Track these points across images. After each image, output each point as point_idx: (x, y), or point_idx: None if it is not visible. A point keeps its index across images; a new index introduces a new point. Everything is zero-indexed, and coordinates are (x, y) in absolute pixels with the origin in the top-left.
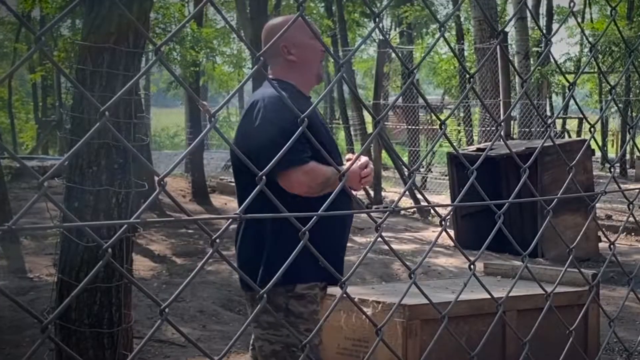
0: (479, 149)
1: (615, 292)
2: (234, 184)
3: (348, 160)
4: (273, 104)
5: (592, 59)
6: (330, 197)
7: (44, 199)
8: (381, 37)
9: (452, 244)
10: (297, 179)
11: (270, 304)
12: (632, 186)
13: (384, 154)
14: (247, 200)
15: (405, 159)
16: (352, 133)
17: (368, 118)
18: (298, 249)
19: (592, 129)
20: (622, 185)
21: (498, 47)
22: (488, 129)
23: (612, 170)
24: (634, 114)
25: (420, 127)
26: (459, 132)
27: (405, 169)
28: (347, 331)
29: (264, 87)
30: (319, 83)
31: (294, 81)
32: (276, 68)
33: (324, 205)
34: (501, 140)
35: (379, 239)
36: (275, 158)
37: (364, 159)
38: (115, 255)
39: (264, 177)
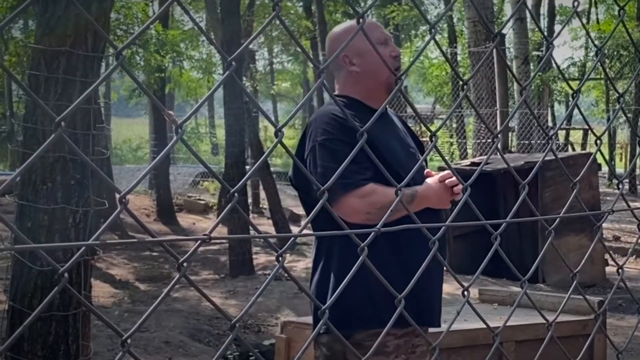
0: (473, 164)
1: (624, 321)
2: (202, 202)
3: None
4: (326, 124)
5: (598, 63)
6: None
7: None
8: None
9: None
10: (351, 206)
11: (329, 351)
12: None
13: None
14: (217, 220)
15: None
16: None
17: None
18: (345, 282)
19: (598, 141)
20: (631, 204)
21: (494, 50)
22: (483, 141)
23: (620, 186)
24: None
25: None
26: (452, 144)
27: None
28: None
29: (324, 105)
30: (390, 93)
31: (358, 95)
32: (340, 82)
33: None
34: (498, 153)
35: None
36: (330, 182)
37: (444, 173)
38: (73, 281)
39: (326, 192)
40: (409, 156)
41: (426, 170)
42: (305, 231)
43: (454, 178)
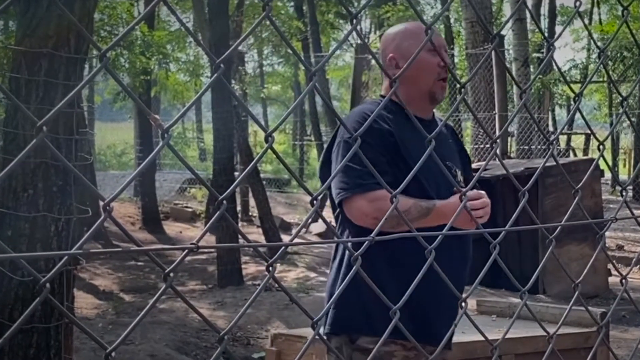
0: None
1: (628, 334)
2: (189, 210)
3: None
4: (356, 122)
5: (601, 66)
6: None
7: None
8: (359, 41)
9: None
10: (359, 208)
11: (340, 352)
12: None
13: None
14: (205, 229)
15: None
16: None
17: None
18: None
19: (601, 147)
20: (635, 211)
21: (493, 52)
22: (481, 146)
23: (623, 193)
24: None
25: None
26: None
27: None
28: None
29: (362, 104)
30: (436, 103)
31: (399, 99)
32: (385, 83)
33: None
34: (497, 159)
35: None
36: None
37: (475, 191)
38: (55, 292)
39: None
40: (442, 170)
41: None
42: (296, 240)
43: (477, 201)
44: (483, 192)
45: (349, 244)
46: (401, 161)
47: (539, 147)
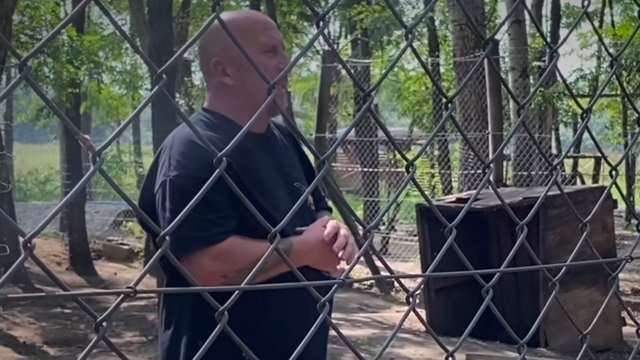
0: (459, 200)
1: None
2: (125, 247)
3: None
4: (182, 154)
5: (614, 76)
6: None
7: None
8: (327, 48)
9: (423, 328)
10: (202, 267)
11: None
12: None
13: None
14: (144, 270)
15: (359, 213)
16: None
17: (310, 157)
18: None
19: (613, 173)
20: None
21: (486, 60)
22: (472, 172)
23: None
24: None
25: (380, 170)
26: (433, 176)
27: (360, 227)
28: None
29: (183, 124)
30: (274, 115)
31: (230, 114)
32: (210, 93)
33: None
34: (490, 187)
35: (324, 321)
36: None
37: (331, 225)
38: None
39: (166, 239)
40: (291, 194)
41: (320, 219)
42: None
43: (342, 237)
44: (335, 221)
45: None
46: (247, 196)
47: (540, 173)
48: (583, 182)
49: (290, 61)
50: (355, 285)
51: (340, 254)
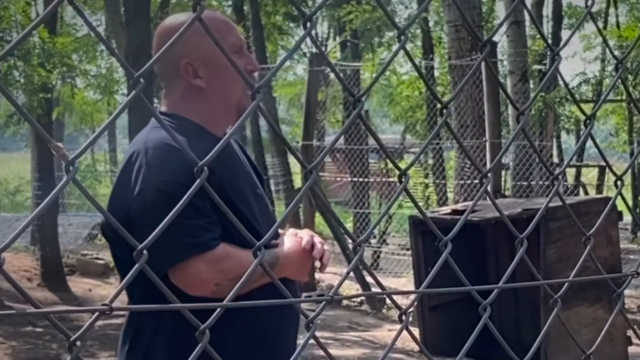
0: (455, 212)
1: None
2: (101, 262)
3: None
4: (163, 158)
5: (619, 80)
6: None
7: None
8: (314, 50)
9: (416, 348)
10: (198, 274)
11: None
12: None
13: (318, 218)
14: (120, 286)
15: (349, 225)
16: (273, 188)
17: (296, 166)
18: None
19: (618, 183)
20: None
21: (483, 64)
22: (468, 182)
23: None
24: None
25: (371, 180)
26: (427, 186)
27: (350, 241)
28: None
29: (148, 129)
30: (241, 117)
31: (198, 118)
32: (173, 96)
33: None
34: (487, 198)
35: (312, 340)
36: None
37: (306, 234)
38: None
39: (144, 253)
40: (258, 201)
41: (289, 230)
42: (238, 302)
43: (319, 244)
44: (307, 230)
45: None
46: (227, 203)
47: (540, 183)
48: (586, 193)
49: (256, 62)
50: (345, 302)
51: (321, 260)
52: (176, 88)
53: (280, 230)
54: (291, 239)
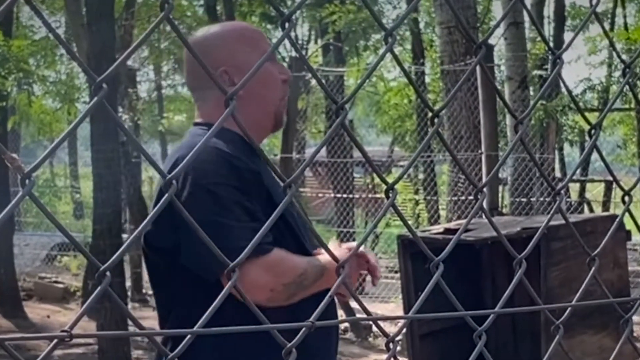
0: (448, 231)
1: None
2: (60, 285)
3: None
4: (212, 163)
5: (627, 87)
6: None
7: None
8: (294, 54)
9: None
10: (254, 280)
11: None
12: None
13: None
14: (81, 311)
15: (332, 245)
16: None
17: None
18: None
19: (626, 198)
20: None
21: (478, 68)
22: (462, 198)
23: None
24: None
25: (356, 196)
26: (417, 203)
27: None
28: None
29: (191, 137)
30: (278, 129)
31: (235, 126)
32: (208, 106)
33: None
34: (483, 216)
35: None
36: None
37: (347, 244)
38: None
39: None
40: (298, 211)
41: (332, 242)
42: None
43: (371, 257)
44: (350, 243)
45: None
46: (273, 210)
47: (541, 199)
48: (591, 210)
49: (288, 70)
50: None
51: (372, 272)
52: (211, 97)
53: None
54: (337, 249)
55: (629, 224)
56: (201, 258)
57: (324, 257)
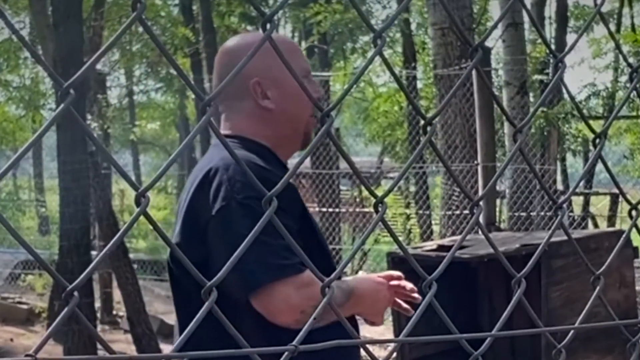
0: (441, 247)
1: None
2: (24, 306)
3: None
4: (242, 174)
5: (634, 93)
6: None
7: None
8: None
9: None
10: (285, 299)
11: None
12: None
13: None
14: (47, 334)
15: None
16: None
17: None
18: None
19: (633, 213)
20: None
21: (474, 73)
22: (457, 212)
23: None
24: None
25: (343, 210)
26: (408, 217)
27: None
28: None
29: (218, 149)
30: (306, 147)
31: (266, 140)
32: (237, 118)
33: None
34: (480, 231)
35: None
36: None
37: (395, 273)
38: None
39: (214, 290)
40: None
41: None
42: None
43: (408, 284)
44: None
45: None
46: (308, 228)
47: (541, 214)
48: (596, 226)
49: (321, 90)
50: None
51: (411, 295)
52: (240, 109)
53: None
54: (365, 275)
55: (636, 240)
56: (233, 274)
57: (352, 280)
